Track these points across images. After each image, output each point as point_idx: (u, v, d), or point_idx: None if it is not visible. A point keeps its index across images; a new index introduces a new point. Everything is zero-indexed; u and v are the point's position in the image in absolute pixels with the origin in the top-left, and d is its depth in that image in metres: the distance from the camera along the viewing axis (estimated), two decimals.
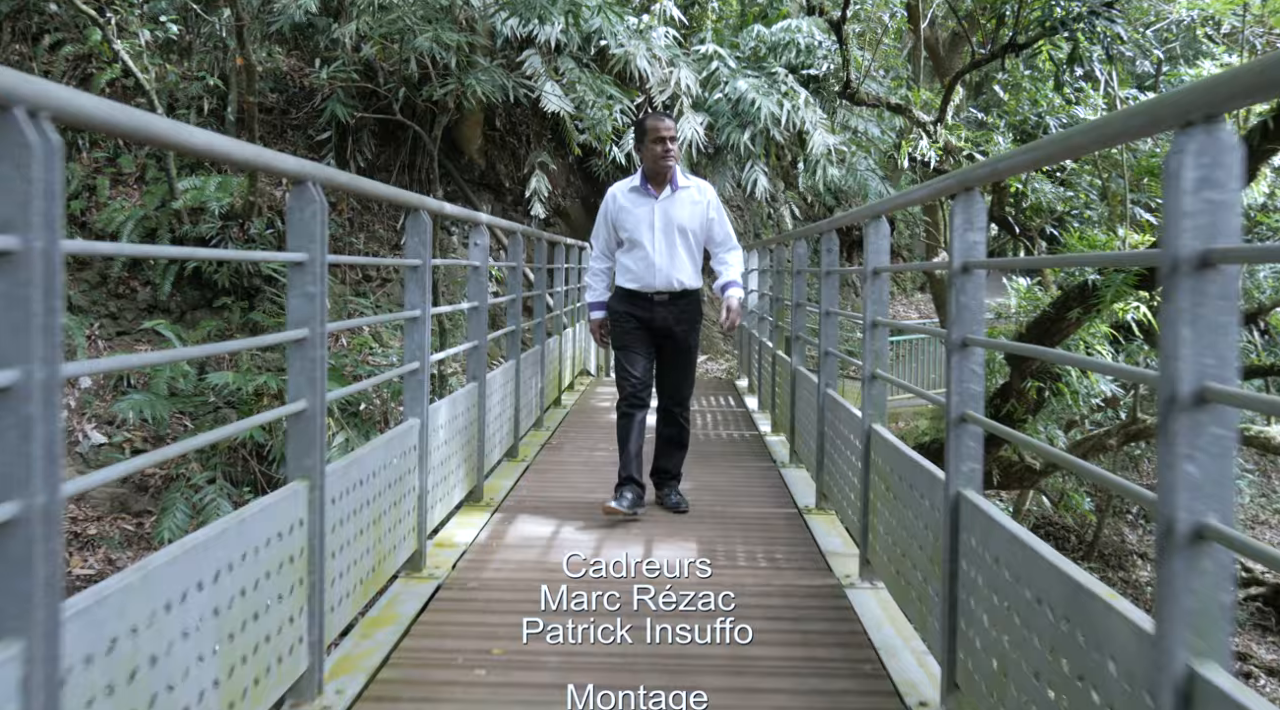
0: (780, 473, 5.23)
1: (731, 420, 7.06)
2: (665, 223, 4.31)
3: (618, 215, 4.37)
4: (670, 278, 4.31)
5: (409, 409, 3.32)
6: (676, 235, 4.30)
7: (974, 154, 8.61)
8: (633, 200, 4.37)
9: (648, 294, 4.32)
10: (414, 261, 3.41)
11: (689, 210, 4.34)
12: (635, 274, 4.33)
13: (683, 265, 4.32)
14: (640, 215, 4.34)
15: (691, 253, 4.34)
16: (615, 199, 4.41)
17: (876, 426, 3.32)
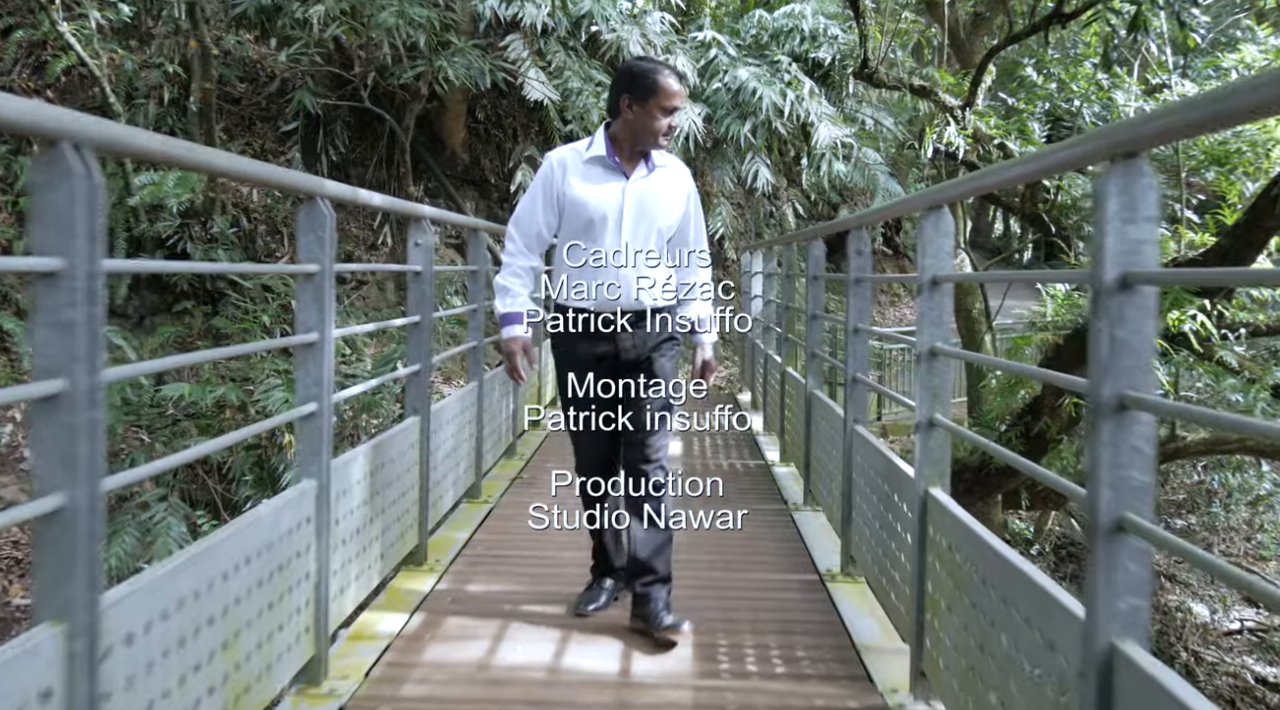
0: (793, 518, 4.35)
1: (732, 444, 6.20)
2: (638, 214, 3.06)
3: (567, 196, 3.06)
4: (636, 292, 3.06)
5: (302, 466, 2.45)
6: (652, 233, 3.08)
7: (1005, 143, 7.72)
8: (593, 176, 3.07)
9: (608, 318, 3.07)
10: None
11: (668, 199, 3.12)
12: (589, 288, 3.04)
13: (658, 275, 3.10)
14: (604, 199, 3.04)
15: (663, 256, 3.15)
16: (564, 171, 3.08)
17: (936, 492, 2.42)
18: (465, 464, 4.41)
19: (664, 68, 3.01)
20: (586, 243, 3.01)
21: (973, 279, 3.19)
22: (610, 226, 3.01)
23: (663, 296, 3.10)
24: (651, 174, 3.08)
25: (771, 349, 6.50)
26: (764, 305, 7.04)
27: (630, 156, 3.06)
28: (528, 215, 3.11)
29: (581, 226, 3.03)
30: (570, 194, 3.03)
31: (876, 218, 3.54)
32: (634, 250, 3.01)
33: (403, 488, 3.44)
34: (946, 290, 2.58)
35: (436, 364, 7.63)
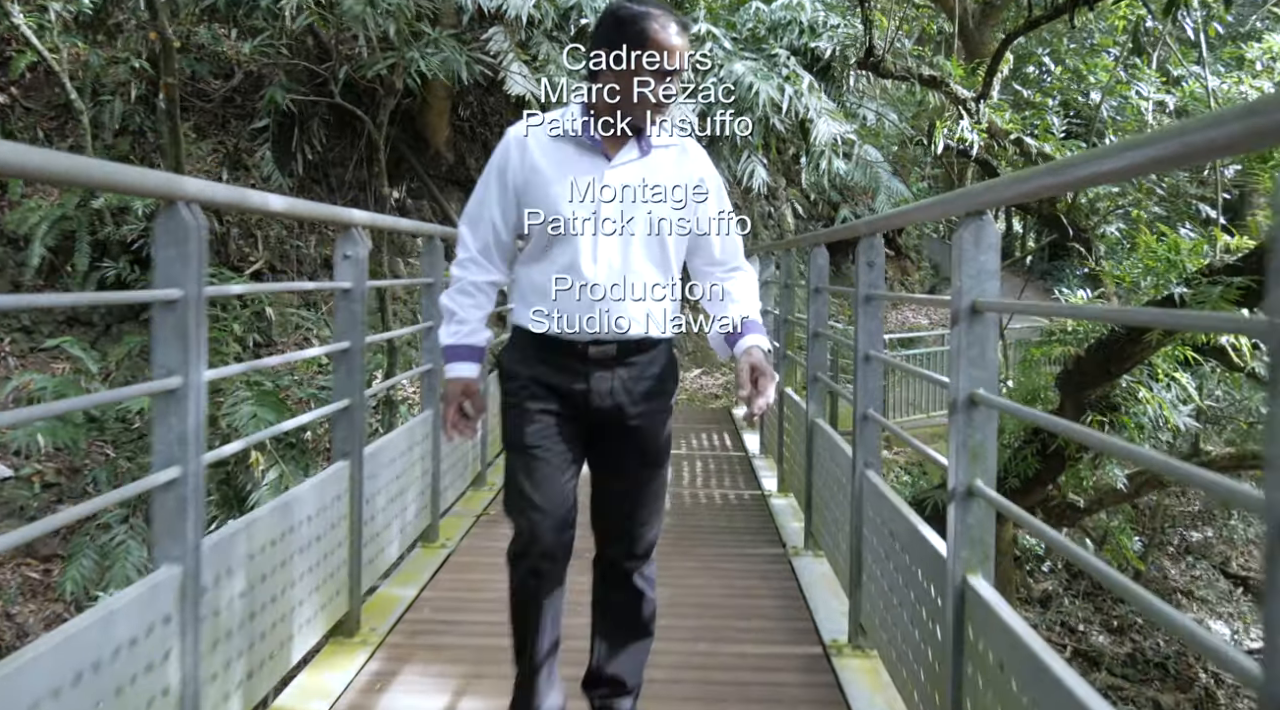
0: (793, 566, 3.77)
1: (726, 470, 5.62)
2: (623, 208, 2.18)
3: (531, 181, 2.19)
4: (623, 314, 2.16)
5: (160, 548, 1.88)
6: (642, 232, 2.18)
7: (1022, 138, 7.12)
8: (564, 155, 2.19)
9: (577, 345, 2.17)
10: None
11: (670, 190, 2.22)
12: (554, 305, 2.17)
13: (645, 290, 2.19)
14: (574, 189, 2.18)
15: (666, 268, 2.21)
16: (523, 152, 2.21)
17: (978, 582, 1.85)
18: (417, 506, 3.82)
19: (657, 10, 2.13)
20: (553, 248, 2.14)
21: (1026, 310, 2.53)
22: (584, 227, 2.12)
23: (659, 324, 2.18)
24: (647, 157, 2.17)
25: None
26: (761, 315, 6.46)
27: (616, 133, 2.18)
28: (479, 213, 2.25)
29: (546, 227, 2.14)
30: (532, 183, 2.16)
31: (893, 223, 2.96)
32: (617, 259, 2.13)
33: (326, 548, 2.85)
34: (990, 321, 1.99)
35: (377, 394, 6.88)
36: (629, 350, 2.17)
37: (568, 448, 2.20)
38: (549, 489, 2.16)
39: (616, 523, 2.31)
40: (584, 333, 2.14)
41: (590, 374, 2.16)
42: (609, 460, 2.27)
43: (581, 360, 2.16)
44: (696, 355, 12.58)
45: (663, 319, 2.20)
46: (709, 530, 4.42)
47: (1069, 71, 8.15)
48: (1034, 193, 1.80)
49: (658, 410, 2.24)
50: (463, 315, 2.26)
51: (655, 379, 2.22)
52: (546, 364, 2.19)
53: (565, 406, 2.19)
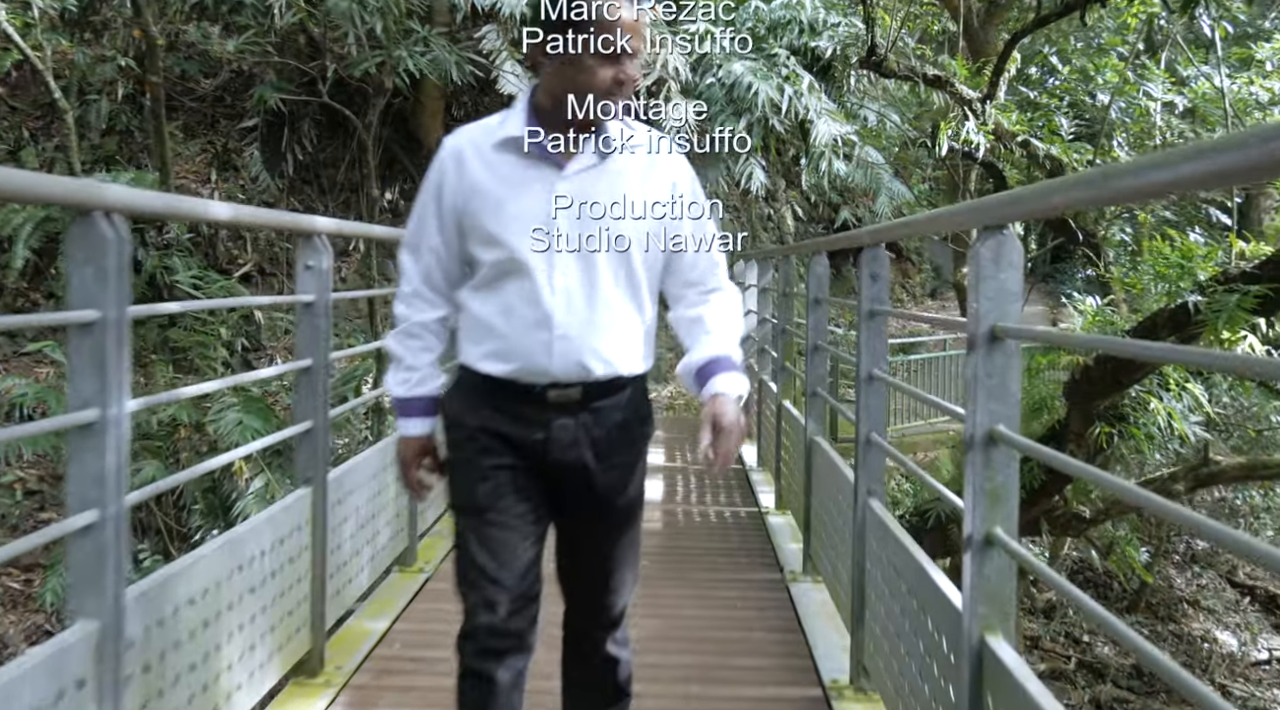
0: (790, 594, 3.54)
1: (721, 484, 5.43)
2: (579, 221, 1.81)
3: (471, 202, 1.83)
4: (587, 351, 1.81)
5: (75, 601, 1.67)
6: (605, 253, 1.83)
7: (1029, 140, 6.89)
8: (508, 168, 1.82)
9: (534, 388, 1.82)
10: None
11: (637, 199, 1.85)
12: (505, 341, 1.82)
13: (613, 322, 1.84)
14: (522, 205, 1.80)
15: (636, 293, 1.87)
16: (462, 166, 1.83)
17: (997, 644, 1.63)
18: (392, 528, 3.59)
19: None
20: (503, 277, 1.79)
21: (1052, 339, 2.29)
22: (536, 251, 1.76)
23: (630, 360, 1.84)
24: (607, 161, 1.81)
25: (766, 374, 5.69)
26: (759, 323, 6.23)
27: (569, 136, 1.80)
28: (418, 239, 1.89)
29: (496, 254, 1.78)
30: (473, 204, 1.79)
31: (900, 233, 2.72)
32: (578, 286, 1.78)
33: (285, 583, 2.62)
34: (1012, 348, 1.76)
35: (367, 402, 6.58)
36: (595, 393, 1.82)
37: (528, 508, 1.84)
38: (506, 558, 1.80)
39: (585, 590, 1.97)
40: (542, 374, 1.78)
41: (550, 422, 1.81)
42: (573, 520, 1.93)
43: (539, 406, 1.80)
44: None
45: (634, 354, 1.85)
46: (702, 552, 4.18)
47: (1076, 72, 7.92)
48: (1066, 205, 1.56)
49: (629, 461, 1.89)
50: (411, 360, 1.92)
51: (625, 425, 1.87)
52: (498, 411, 1.82)
53: (521, 460, 1.83)
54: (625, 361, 1.84)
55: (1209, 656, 9.88)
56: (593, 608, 1.97)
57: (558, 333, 1.78)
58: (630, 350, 1.85)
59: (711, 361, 1.87)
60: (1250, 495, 10.67)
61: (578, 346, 1.78)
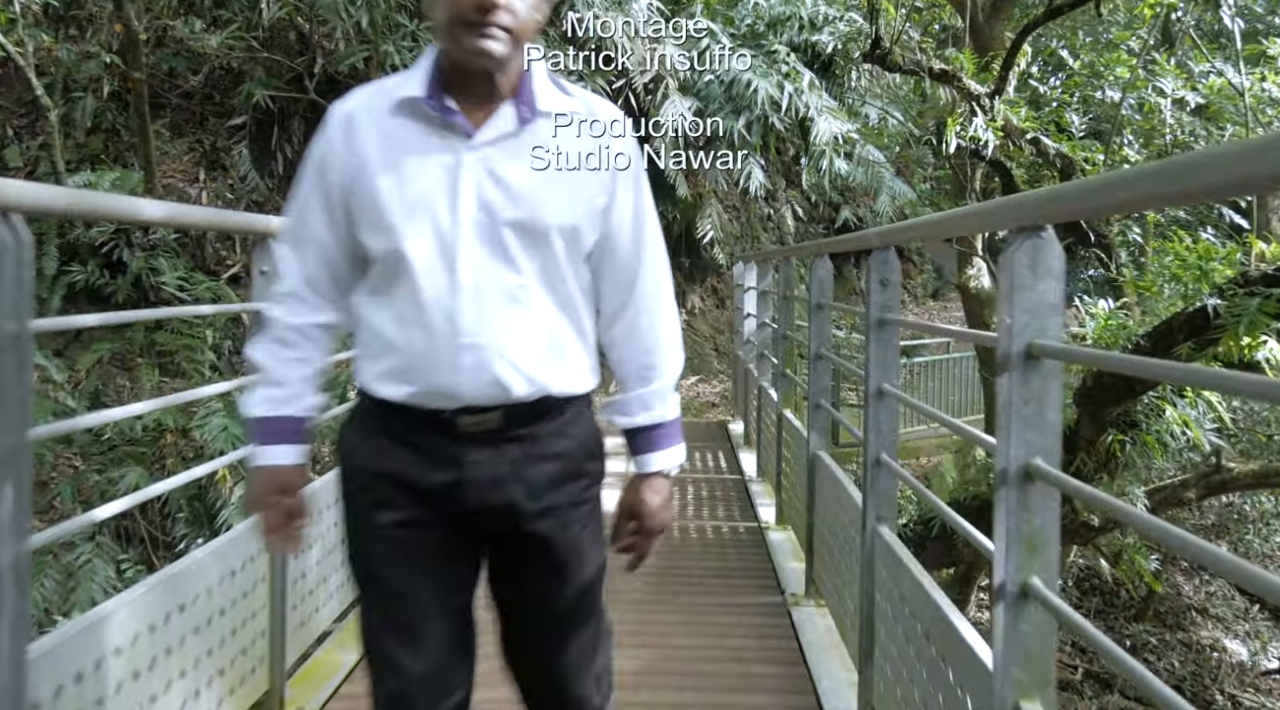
0: (792, 620, 3.30)
1: (719, 497, 5.15)
2: (490, 202, 1.41)
3: (359, 180, 1.43)
4: (505, 365, 1.41)
5: None
6: (523, 244, 1.42)
7: (1039, 137, 6.63)
8: (405, 137, 1.43)
9: (440, 414, 1.43)
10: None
11: (563, 178, 1.45)
12: (402, 356, 1.43)
13: (537, 327, 1.45)
14: (423, 177, 1.41)
15: (565, 293, 1.48)
16: (351, 134, 1.44)
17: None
18: None
19: None
20: (398, 276, 1.41)
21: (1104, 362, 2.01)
22: (435, 238, 1.39)
23: (565, 375, 1.47)
24: (527, 128, 1.43)
25: (766, 380, 5.44)
26: (758, 327, 5.98)
27: (474, 94, 1.41)
28: (300, 227, 1.50)
29: (386, 242, 1.41)
30: (361, 182, 1.42)
31: (915, 235, 2.49)
32: (491, 284, 1.40)
33: (238, 619, 2.37)
34: (1052, 370, 1.52)
35: None
36: (520, 418, 1.43)
37: (442, 578, 1.47)
38: (417, 645, 1.44)
39: (538, 683, 1.59)
40: (448, 396, 1.39)
41: (463, 458, 1.42)
42: (506, 586, 1.53)
43: (449, 438, 1.42)
44: (694, 362, 12.10)
45: (568, 368, 1.47)
46: (697, 573, 3.93)
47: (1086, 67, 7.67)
48: (1125, 204, 1.31)
49: (573, 502, 1.48)
50: (279, 373, 1.49)
51: (566, 457, 1.48)
52: (400, 447, 1.44)
53: (431, 510, 1.44)
54: (556, 377, 1.45)
55: (1218, 666, 9.63)
56: (552, 692, 1.57)
57: (465, 341, 1.38)
58: (562, 363, 1.46)
59: (649, 428, 1.55)
60: (1260, 501, 10.42)
61: (491, 358, 1.39)
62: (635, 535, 1.54)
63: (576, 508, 1.50)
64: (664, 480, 1.55)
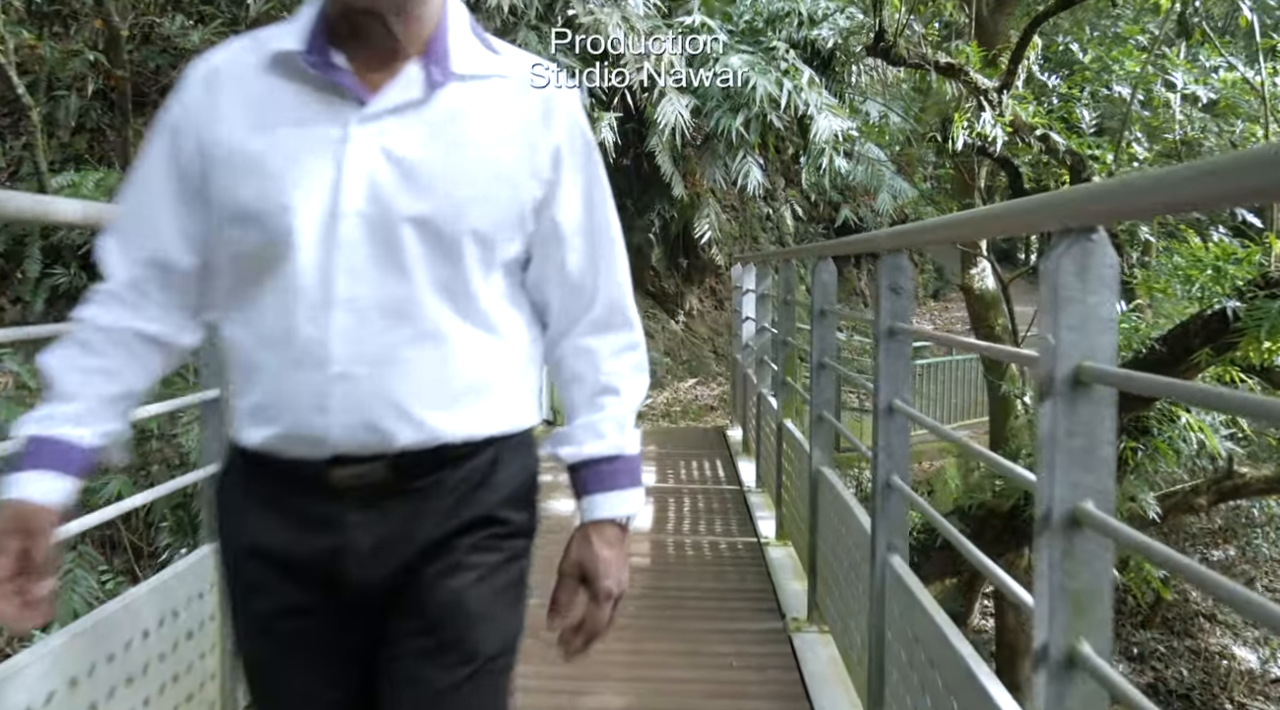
0: (793, 647, 3.05)
1: (717, 509, 4.91)
2: (383, 190, 1.06)
3: (216, 155, 1.09)
4: (380, 402, 1.07)
5: None
6: (424, 248, 1.08)
7: (1049, 134, 6.40)
8: (278, 102, 1.09)
9: (308, 465, 1.09)
10: None
11: (488, 153, 1.10)
12: (265, 387, 1.10)
13: (434, 353, 1.10)
14: (295, 154, 1.07)
15: (473, 307, 1.12)
16: (214, 96, 1.10)
17: None
18: None
19: None
20: (262, 284, 1.10)
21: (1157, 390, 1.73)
22: (307, 236, 1.06)
23: (468, 416, 1.13)
24: (438, 95, 1.09)
25: (766, 387, 5.20)
26: (757, 331, 5.74)
27: (375, 51, 1.09)
28: (135, 211, 1.16)
29: (245, 239, 1.09)
30: (218, 158, 1.09)
31: (933, 238, 2.26)
32: (374, 299, 1.07)
33: (182, 662, 2.13)
34: (1104, 398, 1.28)
35: None
36: (415, 469, 1.10)
37: (337, 671, 1.15)
38: None
39: None
40: (316, 441, 1.07)
41: (342, 520, 1.10)
42: (395, 667, 1.14)
43: (324, 495, 1.10)
44: (692, 365, 11.87)
45: (486, 405, 1.14)
46: (693, 595, 3.69)
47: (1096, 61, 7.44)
48: (1201, 203, 1.08)
49: (471, 547, 1.13)
50: (70, 386, 1.13)
51: (477, 504, 1.14)
52: (268, 509, 1.13)
53: (311, 592, 1.12)
54: (461, 420, 1.11)
55: (1227, 674, 9.40)
56: None
57: (335, 371, 1.05)
58: (474, 402, 1.12)
59: (601, 461, 1.20)
60: (1268, 505, 10.20)
61: (367, 395, 1.06)
62: (588, 609, 1.16)
63: (473, 553, 1.13)
64: (619, 531, 1.19)
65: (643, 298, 11.76)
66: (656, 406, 10.66)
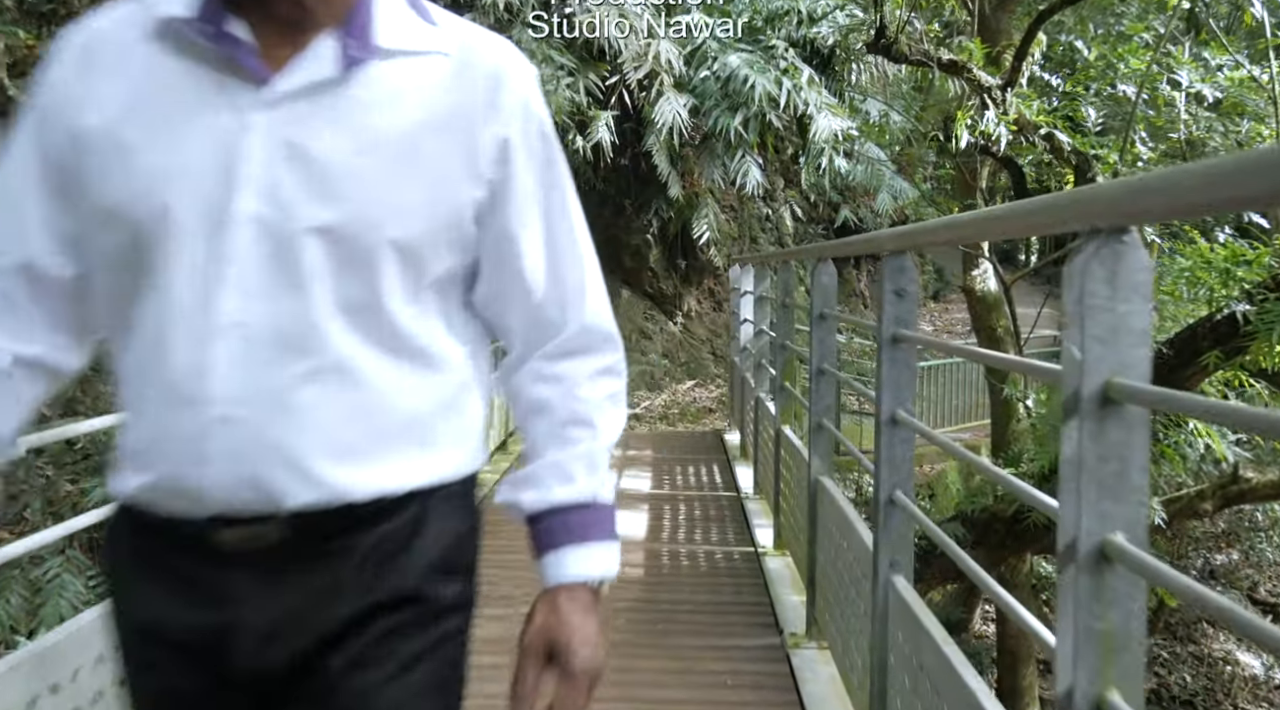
0: (791, 665, 2.92)
1: (713, 516, 4.77)
2: (278, 199, 0.86)
3: (86, 143, 0.88)
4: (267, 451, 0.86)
5: None
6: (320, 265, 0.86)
7: (1054, 132, 6.26)
8: (161, 75, 0.88)
9: (186, 528, 0.89)
10: None
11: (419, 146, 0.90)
12: (135, 425, 0.91)
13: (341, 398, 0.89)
14: (178, 143, 0.87)
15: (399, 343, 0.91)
16: (87, 72, 0.89)
17: None
18: None
19: None
20: (136, 300, 0.89)
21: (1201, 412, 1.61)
22: (191, 246, 0.86)
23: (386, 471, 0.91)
24: (358, 75, 0.89)
25: (764, 391, 5.07)
26: (755, 334, 5.61)
27: (281, 21, 0.88)
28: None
29: (119, 247, 0.88)
30: (90, 146, 0.88)
31: (942, 238, 2.12)
32: (264, 315, 0.86)
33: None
34: (1136, 419, 1.14)
35: None
36: (319, 530, 0.90)
37: None
38: None
39: None
40: (194, 498, 0.87)
41: (230, 592, 0.90)
42: None
43: (210, 560, 0.90)
44: (690, 367, 11.74)
45: (410, 455, 0.93)
46: (686, 608, 3.55)
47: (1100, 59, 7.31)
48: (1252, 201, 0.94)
49: (385, 633, 0.92)
50: None
51: (395, 593, 0.92)
52: (151, 573, 0.92)
53: (196, 673, 0.92)
54: (370, 471, 0.90)
55: (1231, 680, 9.27)
56: None
57: (215, 413, 0.85)
58: (389, 447, 0.91)
59: (569, 510, 0.98)
60: (1272, 508, 10.06)
61: (251, 444, 0.86)
62: (552, 687, 0.94)
63: (389, 640, 0.91)
64: (592, 595, 0.97)
65: (641, 299, 11.62)
66: (654, 409, 10.53)
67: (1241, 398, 5.91)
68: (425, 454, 0.94)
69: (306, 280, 0.86)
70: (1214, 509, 7.34)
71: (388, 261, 0.88)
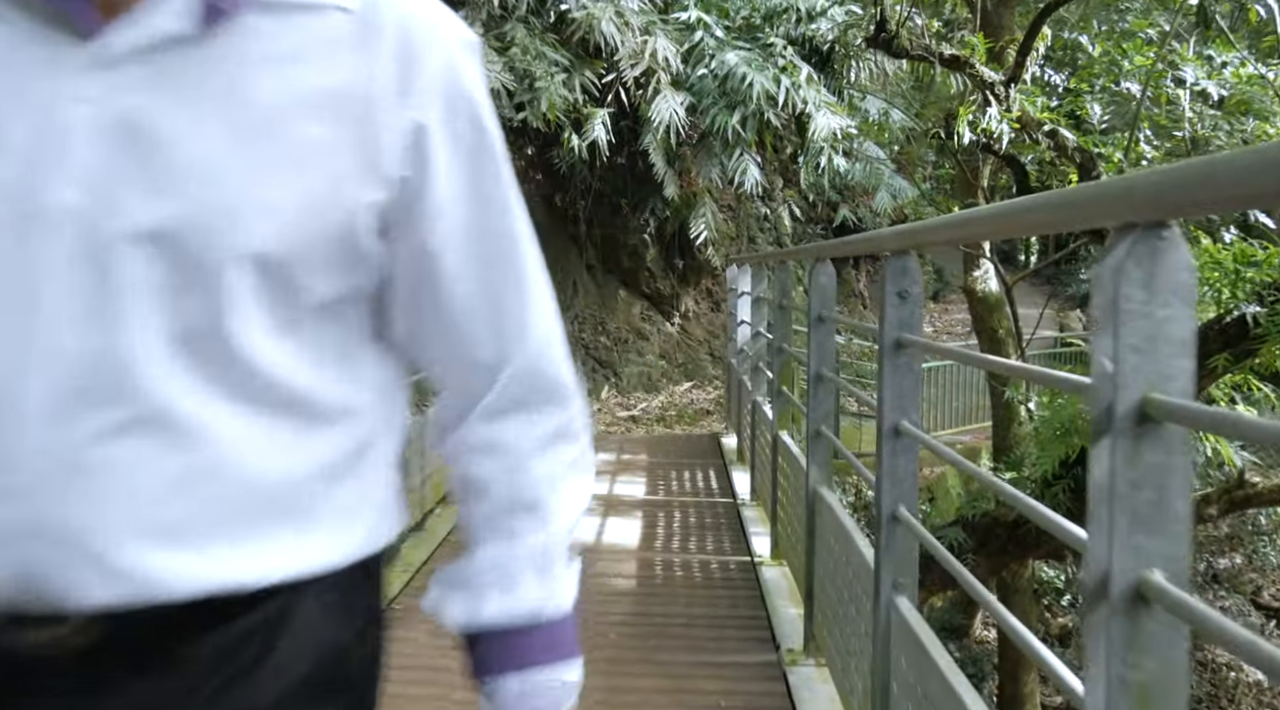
0: (788, 685, 2.78)
1: (709, 523, 4.64)
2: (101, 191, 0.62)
3: None
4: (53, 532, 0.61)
5: None
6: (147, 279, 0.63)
7: (1058, 129, 6.13)
8: None
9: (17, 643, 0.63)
10: None
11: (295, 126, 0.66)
12: None
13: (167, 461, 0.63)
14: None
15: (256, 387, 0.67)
16: None
17: None
18: None
19: None
20: None
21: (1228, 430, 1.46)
22: None
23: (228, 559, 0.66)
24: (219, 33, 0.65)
25: (761, 395, 4.93)
26: (752, 336, 5.47)
27: None
28: None
29: None
30: None
31: (948, 237, 1.99)
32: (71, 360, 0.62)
33: None
34: (1174, 438, 1.01)
35: None
36: (135, 636, 0.65)
37: None
38: None
39: None
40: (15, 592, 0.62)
41: None
42: None
43: (7, 670, 0.64)
44: (688, 368, 11.60)
45: (264, 529, 0.68)
46: (679, 622, 3.41)
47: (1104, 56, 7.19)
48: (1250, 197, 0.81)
49: None
50: None
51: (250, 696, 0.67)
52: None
53: None
54: (203, 558, 0.65)
55: (1235, 685, 9.14)
56: None
57: (23, 486, 0.61)
58: (233, 527, 0.66)
59: (505, 633, 0.77)
60: (1275, 512, 9.94)
61: (31, 519, 0.61)
62: None
63: None
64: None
65: (638, 299, 11.48)
66: (651, 411, 10.39)
67: (1249, 402, 5.79)
68: (296, 534, 0.69)
69: (123, 299, 0.62)
70: (1219, 513, 7.21)
71: (241, 280, 0.65)
